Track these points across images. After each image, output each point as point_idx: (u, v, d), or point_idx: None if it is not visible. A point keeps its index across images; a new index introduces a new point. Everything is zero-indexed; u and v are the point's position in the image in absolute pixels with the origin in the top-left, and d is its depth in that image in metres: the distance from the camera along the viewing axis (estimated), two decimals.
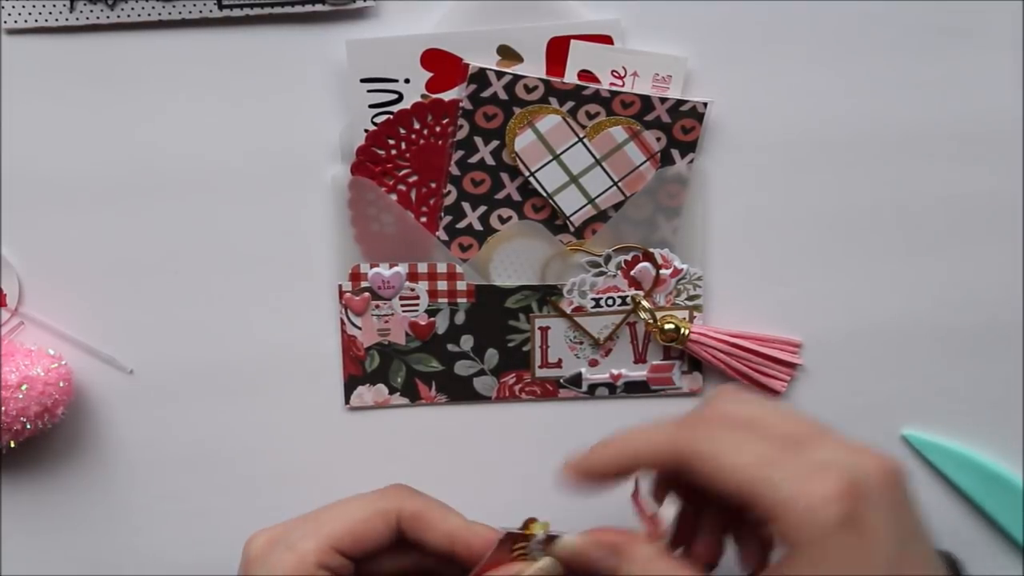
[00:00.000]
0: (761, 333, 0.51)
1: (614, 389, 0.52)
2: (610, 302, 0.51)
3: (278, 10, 0.48)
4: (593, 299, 0.51)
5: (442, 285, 0.51)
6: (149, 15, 0.48)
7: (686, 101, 0.48)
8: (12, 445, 0.49)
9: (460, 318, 0.51)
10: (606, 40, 0.48)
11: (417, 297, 0.51)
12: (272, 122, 0.50)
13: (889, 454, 0.35)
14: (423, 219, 0.50)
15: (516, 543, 0.40)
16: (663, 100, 0.48)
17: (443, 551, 0.40)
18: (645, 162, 0.49)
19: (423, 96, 0.49)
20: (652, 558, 0.37)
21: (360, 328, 0.51)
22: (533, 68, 0.48)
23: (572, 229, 0.50)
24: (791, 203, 0.50)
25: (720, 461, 0.35)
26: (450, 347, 0.52)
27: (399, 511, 0.40)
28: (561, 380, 0.52)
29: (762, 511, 0.34)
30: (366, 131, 0.49)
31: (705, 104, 0.48)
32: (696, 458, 0.35)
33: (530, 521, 0.41)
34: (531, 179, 0.49)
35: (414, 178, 0.50)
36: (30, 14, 0.48)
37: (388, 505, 0.40)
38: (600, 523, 0.41)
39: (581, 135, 0.49)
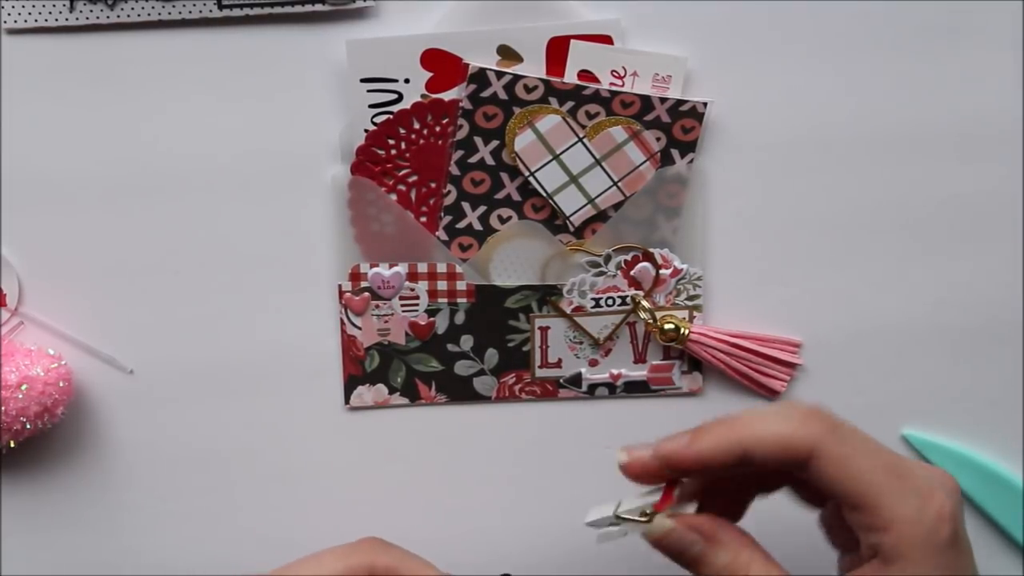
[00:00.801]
0: (761, 333, 0.51)
1: (614, 389, 0.52)
2: (610, 302, 0.51)
3: (278, 10, 0.48)
4: (593, 299, 0.51)
5: (442, 285, 0.51)
6: (149, 15, 0.48)
7: (686, 101, 0.48)
8: (12, 445, 0.49)
9: (460, 318, 0.51)
10: (606, 40, 0.48)
11: (417, 297, 0.51)
12: (272, 122, 0.50)
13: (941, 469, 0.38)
14: (423, 219, 0.50)
15: None
16: (663, 100, 0.48)
17: None
18: (645, 162, 0.49)
19: (423, 96, 0.49)
20: (742, 547, 0.38)
21: (360, 328, 0.51)
22: (533, 68, 0.48)
23: (572, 229, 0.50)
24: (791, 203, 0.50)
25: (850, 463, 0.36)
26: (450, 347, 0.52)
27: (371, 566, 0.39)
28: (561, 380, 0.52)
29: (878, 520, 0.35)
30: (366, 131, 0.49)
31: (705, 104, 0.48)
32: (829, 460, 0.36)
33: None
34: (531, 179, 0.49)
35: (414, 178, 0.50)
36: (30, 14, 0.48)
37: (360, 560, 0.40)
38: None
39: (581, 135, 0.49)
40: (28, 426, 0.48)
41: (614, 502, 0.39)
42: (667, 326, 0.50)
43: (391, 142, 0.49)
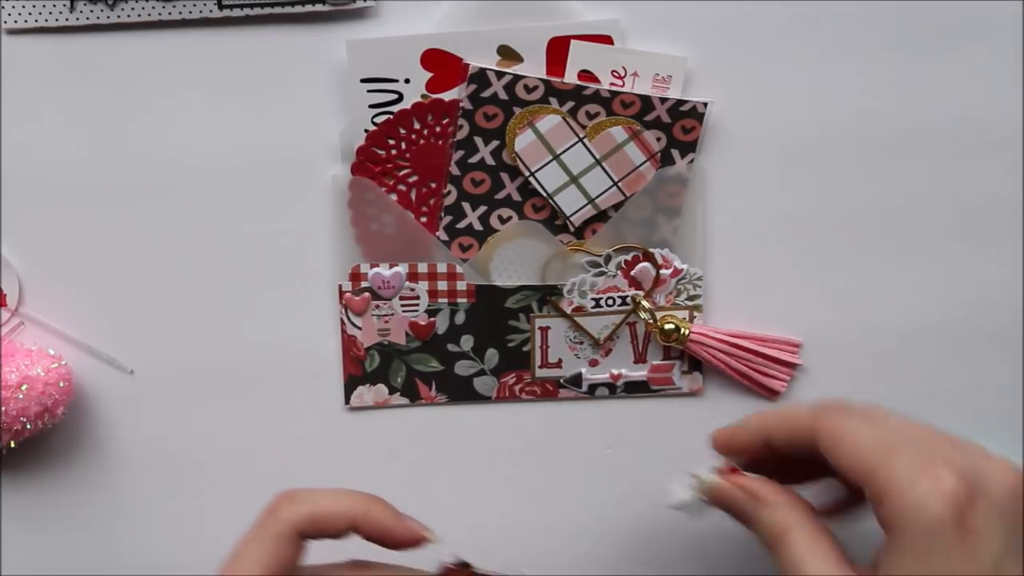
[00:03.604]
0: (761, 333, 0.51)
1: (614, 389, 0.52)
2: (610, 302, 0.51)
3: (278, 10, 0.48)
4: (593, 299, 0.51)
5: (442, 285, 0.51)
6: (149, 15, 0.48)
7: (686, 101, 0.48)
8: (12, 445, 0.49)
9: (460, 318, 0.51)
10: (606, 40, 0.48)
11: (417, 297, 0.51)
12: (272, 122, 0.50)
13: (1016, 467, 0.35)
14: (423, 219, 0.50)
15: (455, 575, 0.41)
16: (663, 100, 0.48)
17: None
18: (645, 162, 0.49)
19: (423, 96, 0.49)
20: (790, 507, 0.38)
21: (360, 328, 0.51)
22: (533, 68, 0.48)
23: (572, 229, 0.50)
24: (791, 203, 0.50)
25: (846, 440, 0.36)
26: (450, 347, 0.52)
27: (296, 529, 0.38)
28: (561, 380, 0.52)
29: (875, 493, 0.35)
30: (366, 131, 0.49)
31: (705, 104, 0.48)
32: (828, 435, 0.37)
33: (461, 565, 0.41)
34: (531, 179, 0.49)
35: (414, 178, 0.50)
36: (30, 14, 0.48)
37: (282, 528, 0.38)
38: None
39: (581, 135, 0.49)
40: (28, 426, 0.48)
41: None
42: (667, 326, 0.50)
43: (391, 142, 0.49)
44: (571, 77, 0.48)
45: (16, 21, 0.48)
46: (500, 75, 0.48)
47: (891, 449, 0.35)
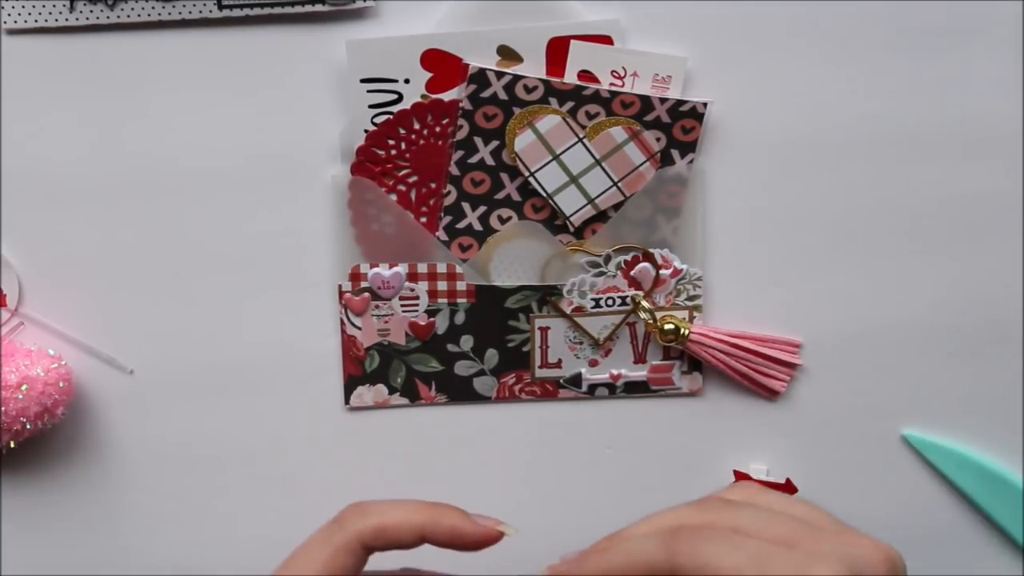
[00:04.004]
0: (761, 333, 0.51)
1: (614, 389, 0.52)
2: (610, 302, 0.51)
3: (278, 10, 0.48)
4: (593, 299, 0.51)
5: (442, 285, 0.51)
6: (149, 15, 0.48)
7: (686, 101, 0.48)
8: (12, 445, 0.49)
9: (460, 318, 0.51)
10: (606, 40, 0.48)
11: (417, 297, 0.51)
12: (272, 122, 0.50)
13: (886, 544, 0.36)
14: (423, 219, 0.50)
15: None
16: (663, 100, 0.48)
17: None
18: (645, 162, 0.49)
19: (423, 96, 0.49)
20: None
21: (360, 328, 0.51)
22: (533, 68, 0.48)
23: (572, 229, 0.50)
24: (791, 203, 0.50)
25: (716, 567, 0.35)
26: (450, 347, 0.52)
27: (361, 540, 0.38)
28: (561, 380, 0.52)
29: None
30: (366, 131, 0.49)
31: (705, 104, 0.48)
32: (692, 568, 0.35)
33: None
34: (531, 179, 0.49)
35: (414, 178, 0.50)
36: (30, 14, 0.48)
37: (347, 538, 0.38)
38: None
39: (581, 135, 0.49)
40: (28, 426, 0.48)
41: None
42: (667, 326, 0.50)
43: (391, 142, 0.49)
44: (571, 77, 0.48)
45: (16, 21, 0.48)
46: (500, 75, 0.48)
47: (765, 560, 0.34)
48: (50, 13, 0.48)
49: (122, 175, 0.50)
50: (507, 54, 0.48)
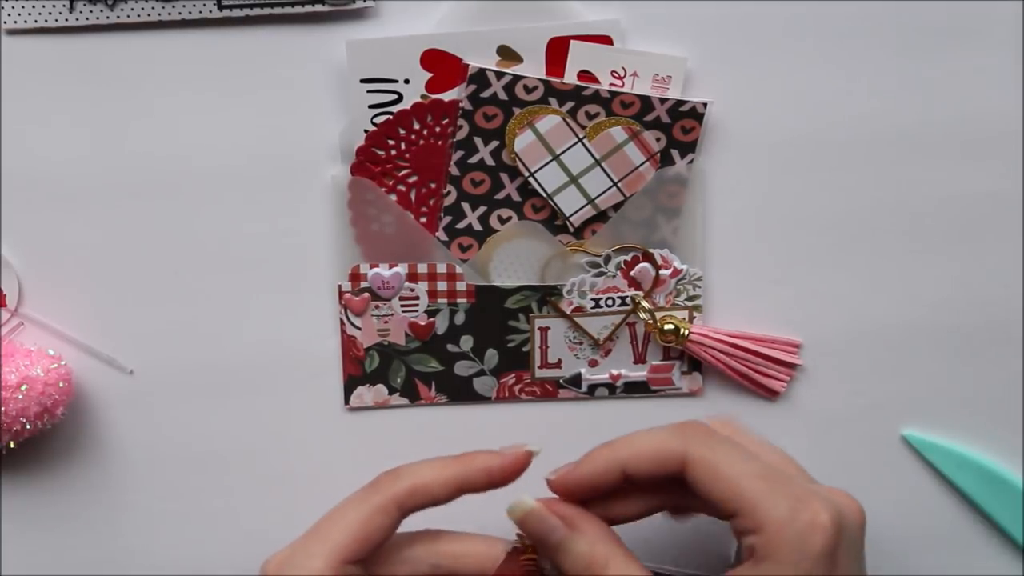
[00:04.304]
0: (761, 333, 0.51)
1: (614, 389, 0.52)
2: (610, 302, 0.51)
3: (278, 10, 0.48)
4: (593, 299, 0.51)
5: (442, 285, 0.51)
6: (149, 15, 0.48)
7: (686, 101, 0.48)
8: (12, 445, 0.49)
9: (460, 318, 0.51)
10: (606, 40, 0.48)
11: (417, 297, 0.51)
12: (272, 122, 0.50)
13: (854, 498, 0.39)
14: (423, 219, 0.50)
15: (523, 555, 0.41)
16: (663, 100, 0.48)
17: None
18: (645, 162, 0.49)
19: (423, 96, 0.49)
20: (601, 539, 0.39)
21: (360, 328, 0.51)
22: (533, 68, 0.48)
23: (572, 229, 0.50)
24: (791, 203, 0.50)
25: (719, 468, 0.37)
26: (450, 347, 0.52)
27: (396, 501, 0.40)
28: (561, 380, 0.52)
29: (751, 523, 0.36)
30: (366, 131, 0.49)
31: (705, 104, 0.48)
32: (701, 466, 0.38)
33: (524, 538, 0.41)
34: (531, 179, 0.49)
35: (414, 178, 0.50)
36: (30, 14, 0.48)
37: (383, 499, 0.40)
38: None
39: (581, 135, 0.49)
40: (28, 426, 0.48)
41: None
42: (667, 326, 0.50)
43: (391, 142, 0.49)
44: (571, 77, 0.48)
45: (16, 21, 0.48)
46: (500, 75, 0.48)
47: (770, 483, 0.37)
48: (50, 13, 0.48)
49: (122, 175, 0.50)
50: (507, 54, 0.48)
